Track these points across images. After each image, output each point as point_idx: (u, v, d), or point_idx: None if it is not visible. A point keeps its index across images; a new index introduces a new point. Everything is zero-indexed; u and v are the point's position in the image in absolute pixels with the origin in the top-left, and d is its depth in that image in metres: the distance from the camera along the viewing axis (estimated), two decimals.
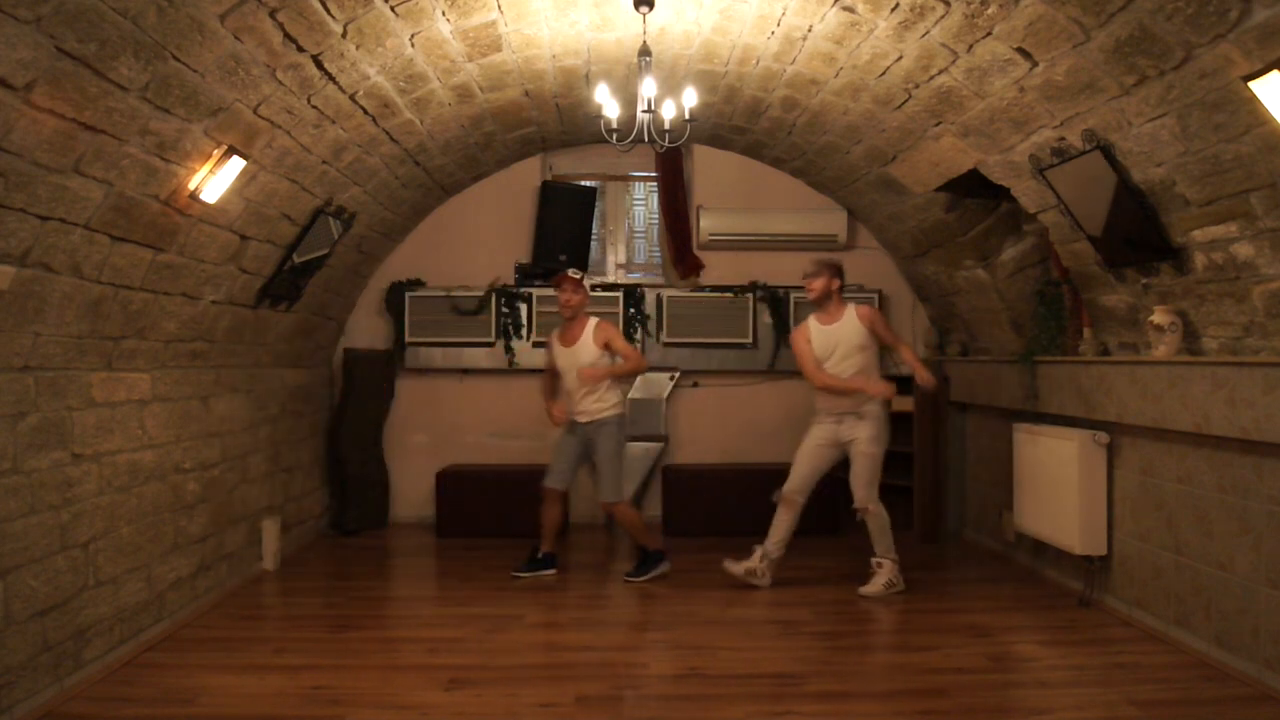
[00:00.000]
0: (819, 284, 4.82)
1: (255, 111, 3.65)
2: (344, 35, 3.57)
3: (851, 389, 4.72)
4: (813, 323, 4.92)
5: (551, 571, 5.13)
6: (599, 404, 5.01)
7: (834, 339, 4.80)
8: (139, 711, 3.32)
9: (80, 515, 3.56)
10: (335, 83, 3.89)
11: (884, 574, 4.77)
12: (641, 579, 5.02)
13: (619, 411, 5.06)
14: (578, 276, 5.02)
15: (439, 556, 5.75)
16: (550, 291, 6.49)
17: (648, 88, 4.02)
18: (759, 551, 4.86)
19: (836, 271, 4.86)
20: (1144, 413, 4.12)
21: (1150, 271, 3.97)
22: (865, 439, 4.74)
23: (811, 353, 4.86)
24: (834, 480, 6.26)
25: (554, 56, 4.63)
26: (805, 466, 4.90)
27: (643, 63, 4.00)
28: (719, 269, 6.68)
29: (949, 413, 6.26)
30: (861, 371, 4.78)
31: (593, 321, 5.07)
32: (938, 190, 5.28)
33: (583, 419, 5.03)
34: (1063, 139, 3.89)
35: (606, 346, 5.01)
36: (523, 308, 6.48)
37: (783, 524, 4.85)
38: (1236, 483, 3.66)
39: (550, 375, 5.24)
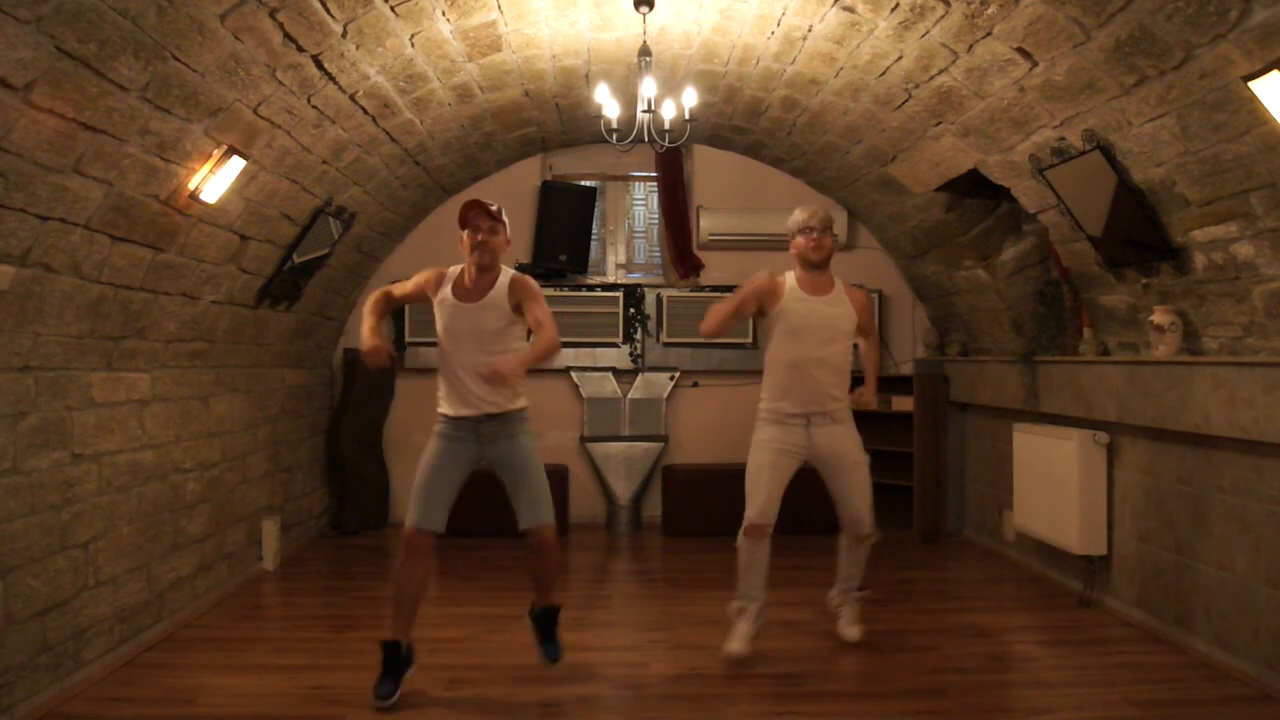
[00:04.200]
0: (829, 242, 3.78)
1: (255, 111, 3.65)
2: (344, 35, 3.57)
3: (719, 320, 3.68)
4: (793, 282, 3.79)
5: (412, 669, 3.49)
6: (514, 389, 3.45)
7: (816, 315, 3.73)
8: (139, 711, 3.32)
9: (80, 515, 3.56)
10: (335, 83, 3.89)
11: (861, 602, 4.02)
12: (560, 653, 3.65)
13: (527, 403, 3.55)
14: (494, 207, 3.43)
15: (439, 557, 5.69)
16: (551, 291, 6.51)
17: (648, 88, 4.02)
18: (743, 610, 3.82)
19: (832, 226, 3.84)
20: (1144, 413, 4.12)
21: (1150, 271, 3.97)
22: (854, 446, 3.80)
23: (753, 302, 3.75)
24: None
25: (554, 56, 4.63)
26: (774, 485, 3.74)
27: (643, 63, 4.01)
28: (719, 269, 6.68)
29: (949, 413, 6.27)
30: (838, 370, 3.77)
31: (508, 273, 3.48)
32: (938, 190, 5.28)
33: (488, 410, 3.42)
34: (1063, 139, 3.89)
35: (518, 309, 3.45)
36: None
37: (761, 562, 3.78)
38: (1236, 483, 3.66)
39: (386, 306, 3.53)
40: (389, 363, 3.35)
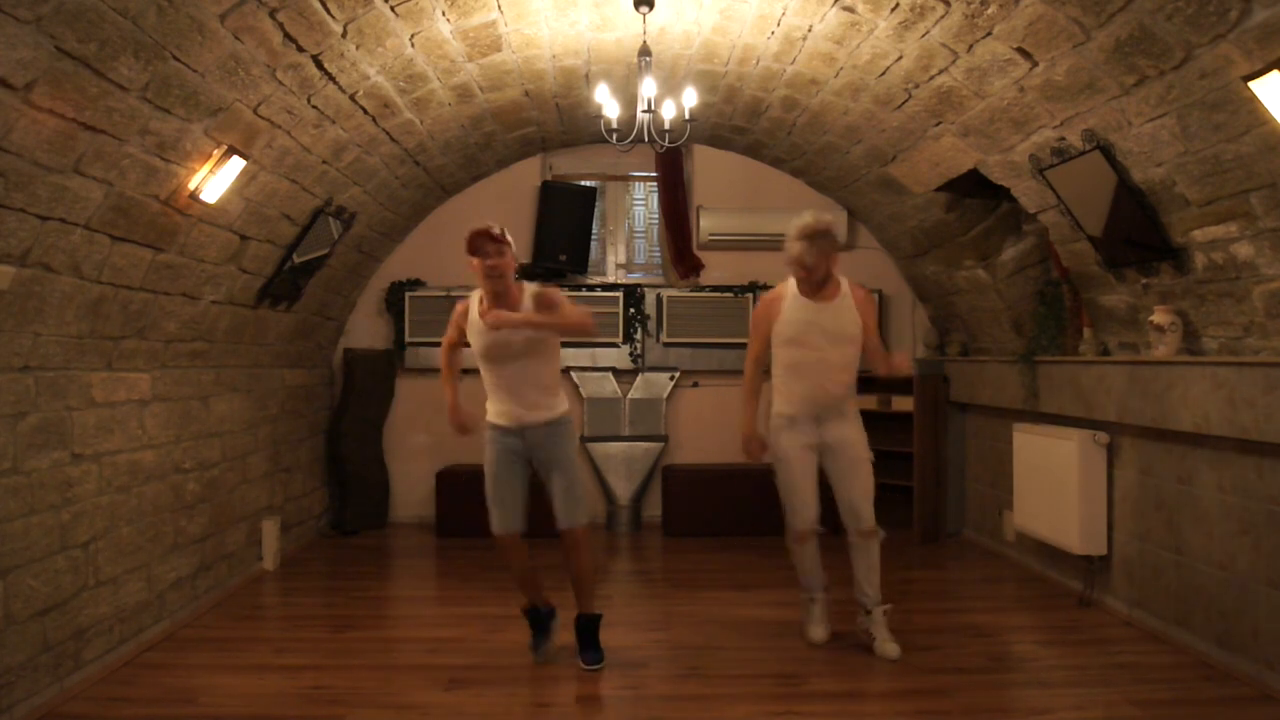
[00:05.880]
0: (823, 268, 3.71)
1: (255, 111, 3.65)
2: (344, 35, 3.57)
3: (746, 425, 3.94)
4: (792, 291, 3.80)
5: (556, 620, 3.93)
6: (554, 399, 3.72)
7: (819, 322, 3.74)
8: (139, 711, 3.32)
9: (80, 515, 3.56)
10: (335, 83, 3.89)
11: (889, 614, 3.92)
12: (601, 660, 3.74)
13: (569, 408, 3.81)
14: (497, 231, 3.57)
15: (439, 556, 5.75)
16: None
17: (648, 88, 4.02)
18: (813, 601, 4.02)
19: (834, 242, 3.76)
20: (1144, 413, 4.12)
21: (1150, 271, 3.97)
22: (859, 442, 3.85)
23: (761, 337, 3.87)
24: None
25: (554, 56, 4.63)
26: (809, 491, 3.86)
27: (643, 63, 4.01)
28: (719, 269, 6.68)
29: (949, 413, 6.27)
30: (845, 371, 3.79)
31: (530, 288, 3.67)
32: (938, 190, 5.28)
33: (532, 420, 3.67)
34: (1063, 139, 3.89)
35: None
36: None
37: (814, 559, 3.97)
38: (1236, 483, 3.66)
39: (452, 360, 3.88)
40: (472, 432, 3.81)
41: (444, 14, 3.79)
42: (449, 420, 3.84)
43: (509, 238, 3.60)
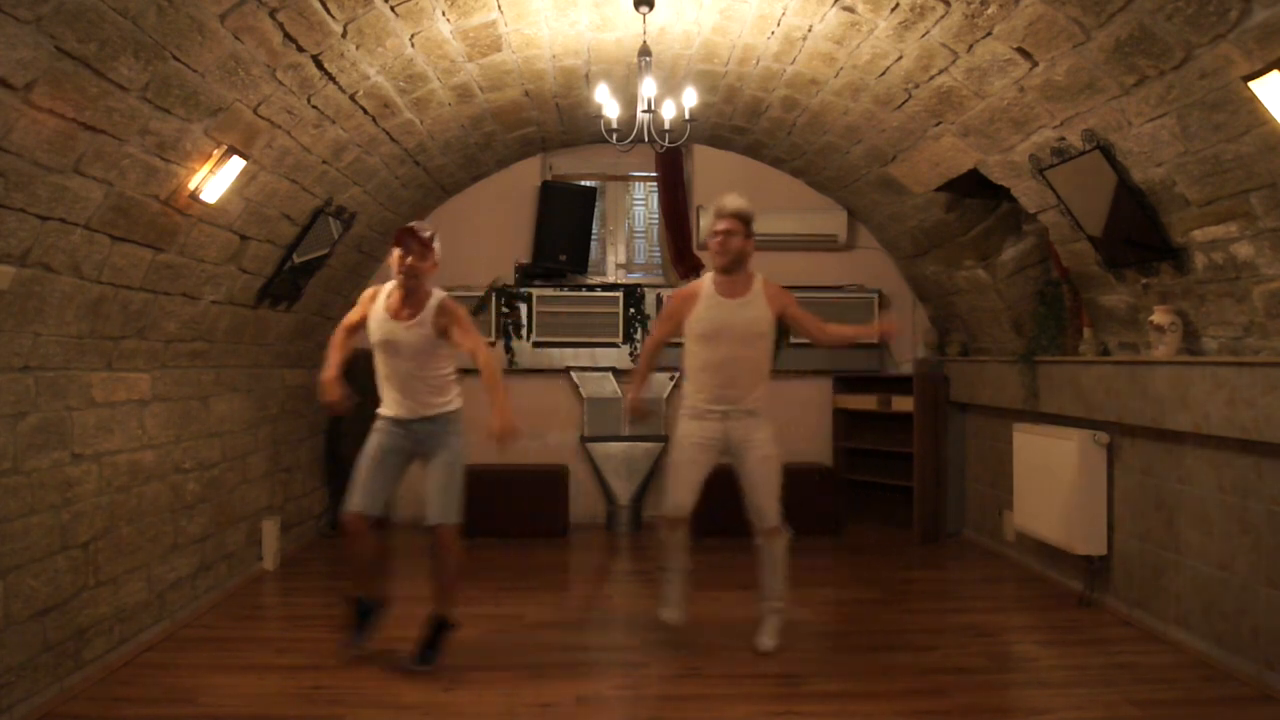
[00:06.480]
0: (736, 244, 3.75)
1: (255, 111, 3.65)
2: (344, 35, 3.57)
3: (633, 400, 4.01)
4: (709, 286, 3.84)
5: (377, 619, 3.93)
6: (445, 397, 3.75)
7: (730, 319, 3.76)
8: (139, 711, 3.32)
9: (80, 515, 3.56)
10: (335, 83, 3.89)
11: (782, 616, 3.94)
12: (433, 663, 3.71)
13: (461, 405, 3.81)
14: (427, 235, 3.63)
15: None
16: (551, 291, 6.54)
17: (648, 88, 4.02)
18: (670, 582, 4.06)
19: (750, 227, 3.81)
20: (1144, 413, 4.12)
21: (1150, 271, 3.97)
22: (763, 439, 3.80)
23: (670, 327, 3.92)
24: (836, 481, 6.27)
25: (554, 56, 4.63)
26: (692, 480, 3.85)
27: (643, 63, 4.01)
28: None
29: (949, 413, 6.27)
30: (756, 369, 3.80)
31: (437, 296, 3.69)
32: (938, 190, 5.28)
33: (418, 414, 3.70)
34: (1063, 139, 3.89)
35: (444, 334, 3.66)
36: (523, 307, 6.48)
37: (681, 544, 3.98)
38: (1236, 483, 3.66)
39: (346, 340, 3.88)
40: (345, 412, 3.80)
41: (444, 14, 3.79)
42: (325, 393, 3.78)
43: (437, 245, 3.67)
